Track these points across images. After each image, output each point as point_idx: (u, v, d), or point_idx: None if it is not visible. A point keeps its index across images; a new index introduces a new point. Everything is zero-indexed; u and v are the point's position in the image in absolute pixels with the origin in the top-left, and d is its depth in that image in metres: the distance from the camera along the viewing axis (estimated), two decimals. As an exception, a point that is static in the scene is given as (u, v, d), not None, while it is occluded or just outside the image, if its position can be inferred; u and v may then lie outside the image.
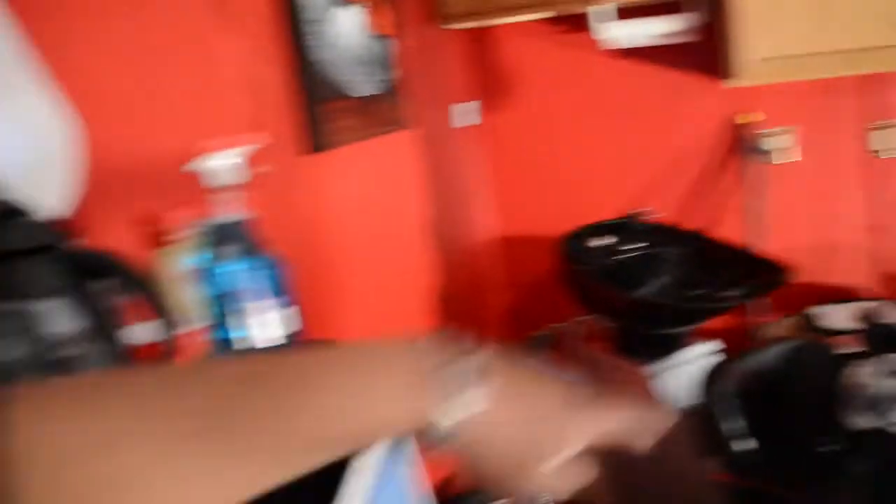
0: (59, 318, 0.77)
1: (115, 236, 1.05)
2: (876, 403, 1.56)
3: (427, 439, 0.49)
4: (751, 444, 1.71)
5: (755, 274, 2.02)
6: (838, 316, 2.19)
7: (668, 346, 1.94)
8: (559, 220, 2.37)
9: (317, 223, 1.76)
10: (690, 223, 2.60)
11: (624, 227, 2.32)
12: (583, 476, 0.56)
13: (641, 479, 1.91)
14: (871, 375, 1.60)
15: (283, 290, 1.05)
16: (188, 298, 1.05)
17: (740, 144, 2.54)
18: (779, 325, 2.34)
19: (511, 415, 0.51)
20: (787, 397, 1.74)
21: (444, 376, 0.48)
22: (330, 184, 1.81)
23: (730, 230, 2.51)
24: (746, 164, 2.53)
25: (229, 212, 1.04)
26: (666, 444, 1.82)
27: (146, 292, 0.81)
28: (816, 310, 2.27)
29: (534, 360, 0.57)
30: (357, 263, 1.90)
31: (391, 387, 0.48)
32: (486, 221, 2.87)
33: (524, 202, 2.85)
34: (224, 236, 1.06)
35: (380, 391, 0.47)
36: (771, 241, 2.45)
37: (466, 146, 2.73)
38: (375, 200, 2.03)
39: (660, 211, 2.49)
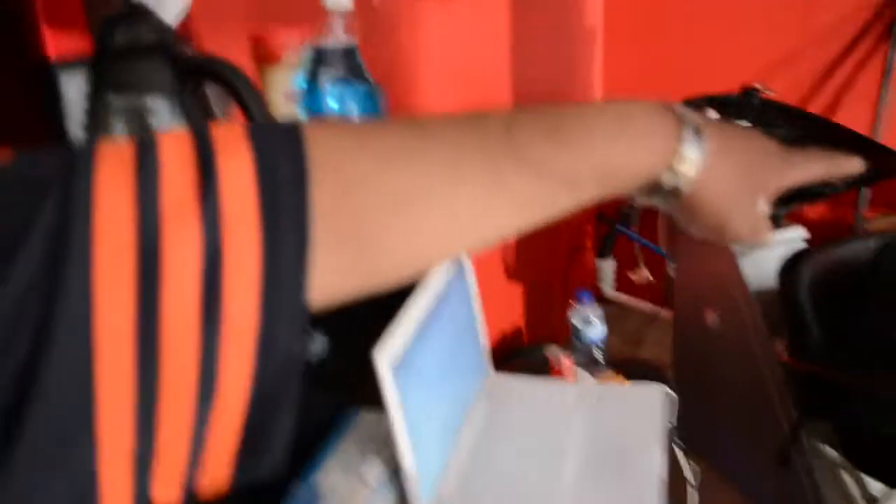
0: (167, 115, 0.82)
1: (223, 48, 1.09)
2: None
3: (661, 190, 0.52)
4: (823, 332, 1.69)
5: (867, 161, 1.92)
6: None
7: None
8: (666, 88, 2.29)
9: (412, 57, 1.76)
10: (813, 107, 2.47)
11: (737, 103, 2.22)
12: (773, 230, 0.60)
13: (713, 350, 1.94)
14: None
15: (377, 116, 1.08)
16: (290, 116, 1.10)
17: (885, 26, 2.35)
18: (884, 220, 2.24)
19: (726, 168, 0.54)
20: (873, 290, 1.70)
21: (681, 126, 0.51)
22: (432, 20, 1.80)
23: (854, 119, 2.37)
24: (889, 48, 2.35)
25: (336, 37, 1.07)
26: (739, 323, 1.83)
27: (250, 102, 0.86)
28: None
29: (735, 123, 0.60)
30: (444, 103, 1.90)
31: (642, 132, 0.51)
32: (591, 79, 2.79)
33: (631, 65, 2.75)
34: (329, 60, 1.09)
35: (633, 134, 0.50)
36: (896, 135, 2.31)
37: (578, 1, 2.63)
38: (473, 44, 2.01)
39: (782, 90, 2.37)
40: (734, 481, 2.09)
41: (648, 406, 1.06)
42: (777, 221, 2.01)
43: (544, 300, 2.44)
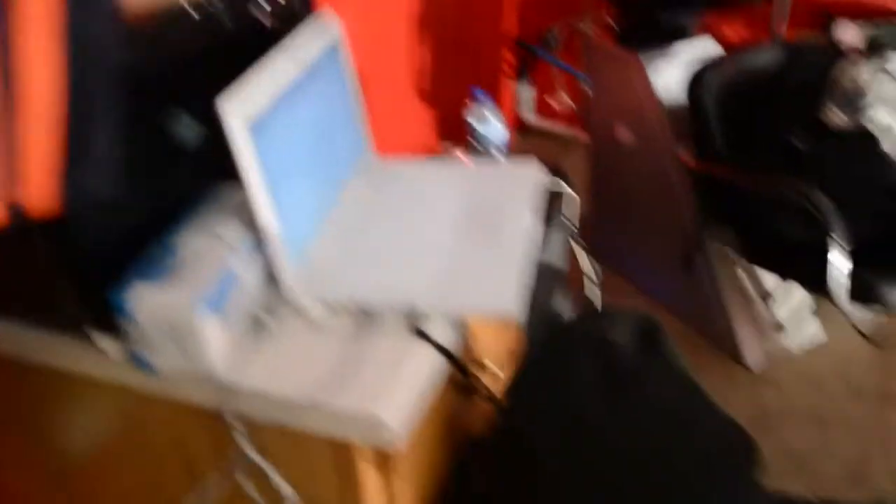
0: None
1: None
2: (856, 99, 1.52)
3: None
4: (728, 137, 1.70)
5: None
6: (857, 31, 2.07)
7: (670, 35, 1.87)
8: None
9: None
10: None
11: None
12: None
13: (625, 166, 1.93)
14: (862, 72, 1.54)
15: None
16: None
17: None
18: (798, 34, 2.22)
19: None
20: (775, 94, 1.70)
21: None
22: None
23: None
24: None
25: None
26: (650, 134, 1.81)
27: None
28: (840, 22, 2.14)
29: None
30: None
31: None
32: None
33: None
34: None
35: None
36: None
37: None
38: None
39: None
40: (642, 288, 2.15)
41: (523, 179, 1.07)
42: (686, 31, 1.99)
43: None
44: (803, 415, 1.82)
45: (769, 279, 1.84)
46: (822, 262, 1.48)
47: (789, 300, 1.88)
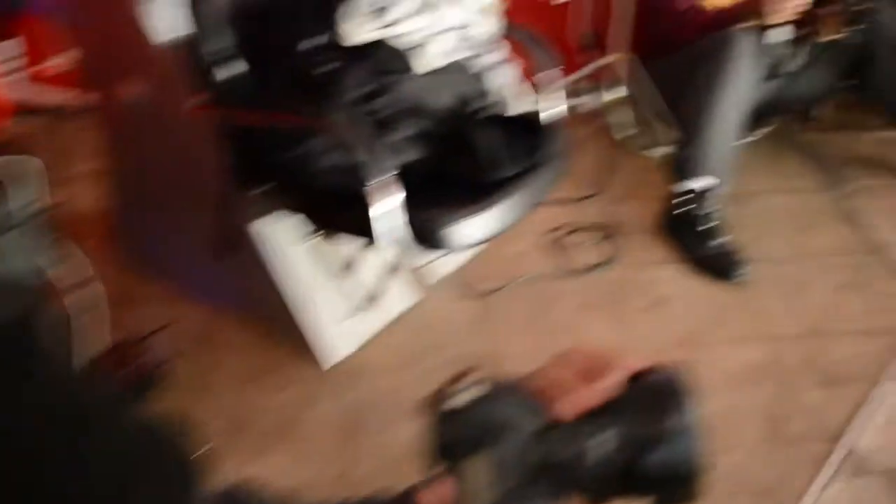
0: None
1: None
2: (378, 11, 1.39)
3: None
4: (239, 67, 1.47)
5: None
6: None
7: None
8: None
9: None
10: None
11: None
12: None
13: (139, 130, 1.52)
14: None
15: None
16: None
17: None
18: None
19: None
20: (290, 11, 1.50)
21: None
22: None
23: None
24: None
25: None
26: (157, 84, 1.43)
27: None
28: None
29: None
30: None
31: None
32: None
33: None
34: None
35: None
36: None
37: None
38: None
39: None
40: (189, 289, 1.85)
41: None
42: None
43: None
44: (401, 403, 1.65)
45: (344, 247, 1.65)
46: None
47: (370, 266, 1.71)
